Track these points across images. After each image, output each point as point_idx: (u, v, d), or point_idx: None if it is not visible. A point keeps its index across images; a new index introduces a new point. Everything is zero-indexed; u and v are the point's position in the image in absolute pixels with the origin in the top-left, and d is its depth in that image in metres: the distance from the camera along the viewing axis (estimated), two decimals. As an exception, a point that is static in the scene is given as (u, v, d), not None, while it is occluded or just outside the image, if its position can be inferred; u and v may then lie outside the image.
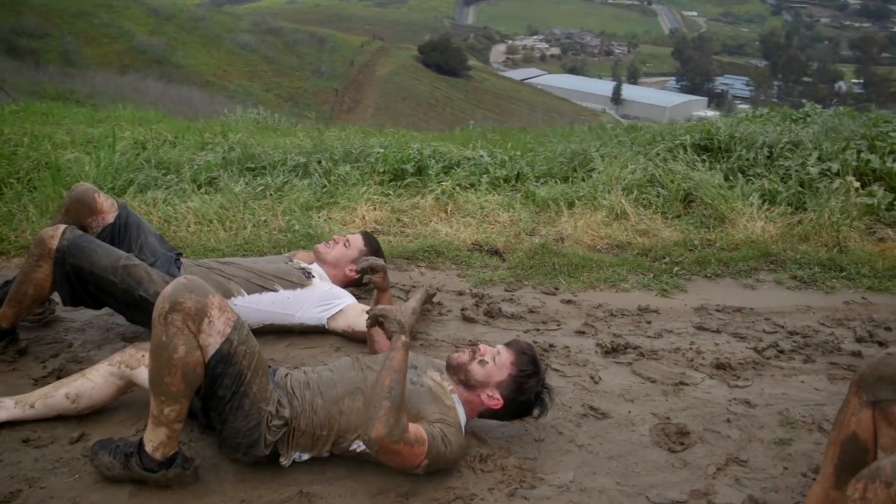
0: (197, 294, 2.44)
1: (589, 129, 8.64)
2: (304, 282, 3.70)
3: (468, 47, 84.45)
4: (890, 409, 2.06)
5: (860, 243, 5.00)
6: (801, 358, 3.77)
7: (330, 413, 2.75)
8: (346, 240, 3.96)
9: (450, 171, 5.83)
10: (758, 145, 5.95)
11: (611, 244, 5.00)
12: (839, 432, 2.19)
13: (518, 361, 2.92)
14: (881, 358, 2.12)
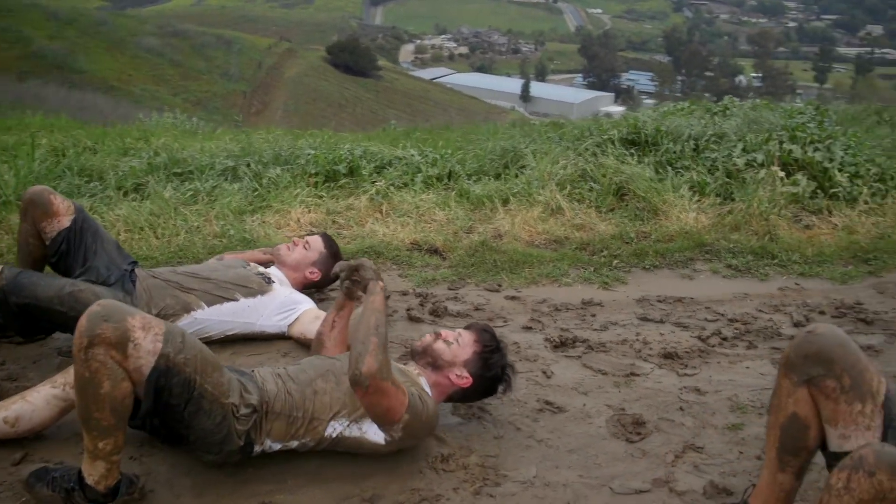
0: (114, 321, 2.28)
1: (513, 126, 8.69)
2: (264, 288, 3.62)
3: (377, 47, 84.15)
4: (823, 384, 2.11)
5: (788, 231, 5.15)
6: (743, 344, 3.86)
7: (304, 394, 2.72)
8: (306, 242, 3.89)
9: (382, 170, 5.79)
10: (684, 138, 6.07)
11: (549, 239, 5.04)
12: (776, 417, 2.25)
13: (480, 339, 2.98)
14: (802, 338, 2.17)
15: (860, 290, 4.52)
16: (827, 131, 6.06)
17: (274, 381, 2.74)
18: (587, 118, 10.91)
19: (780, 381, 2.24)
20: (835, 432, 2.14)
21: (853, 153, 5.86)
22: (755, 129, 6.17)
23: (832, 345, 2.13)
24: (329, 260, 3.83)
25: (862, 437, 2.08)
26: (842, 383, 2.09)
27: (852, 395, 2.09)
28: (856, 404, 2.09)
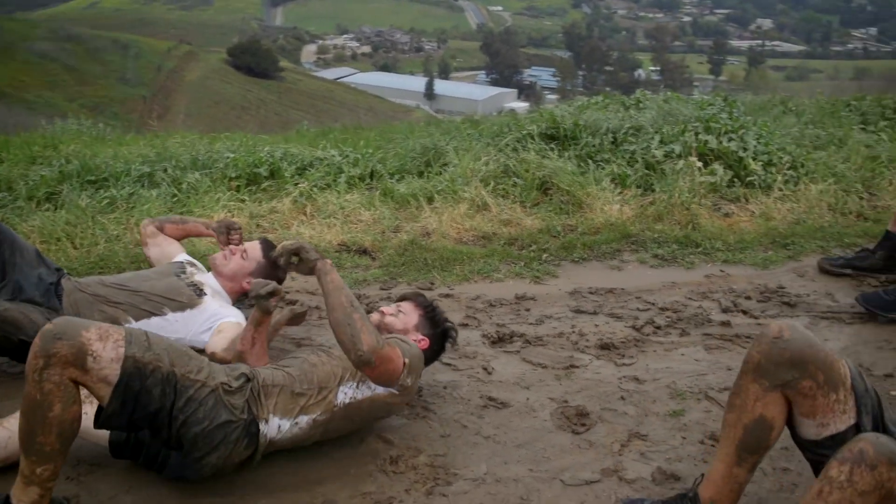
0: (68, 337, 2.18)
1: (429, 124, 8.67)
2: (193, 302, 3.47)
3: (278, 48, 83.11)
4: (800, 385, 2.17)
5: (710, 220, 5.27)
6: (676, 332, 3.93)
7: (302, 369, 2.72)
8: (244, 250, 3.69)
9: (304, 172, 5.70)
10: (602, 131, 6.15)
11: (476, 236, 5.04)
12: (739, 416, 2.29)
13: (419, 302, 3.18)
14: (770, 344, 2.21)
15: (781, 275, 4.65)
16: (739, 122, 6.22)
17: (266, 370, 2.73)
18: (493, 115, 10.99)
19: (746, 385, 2.27)
20: (812, 423, 2.21)
21: (765, 142, 6.03)
22: (670, 121, 6.29)
23: (803, 347, 2.18)
24: (268, 269, 3.65)
25: (840, 422, 2.17)
26: (817, 381, 2.16)
27: (827, 388, 2.16)
28: (831, 395, 2.16)
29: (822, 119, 7.36)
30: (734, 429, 2.30)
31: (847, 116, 7.57)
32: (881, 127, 7.34)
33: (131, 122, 35.25)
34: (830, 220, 5.43)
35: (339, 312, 2.59)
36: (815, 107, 7.82)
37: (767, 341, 2.22)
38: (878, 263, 4.50)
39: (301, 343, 3.71)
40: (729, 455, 2.33)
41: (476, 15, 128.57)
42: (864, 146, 6.56)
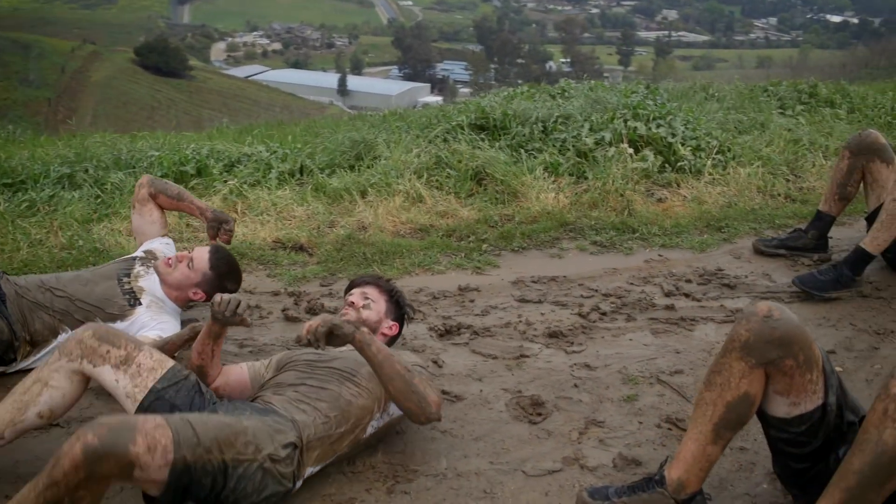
0: (116, 455, 1.98)
1: (354, 117, 8.56)
2: (125, 312, 3.34)
3: (187, 47, 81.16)
4: (783, 364, 2.20)
5: (644, 205, 5.30)
6: (622, 317, 3.93)
7: (339, 408, 2.63)
8: (191, 259, 3.47)
9: (232, 169, 5.55)
10: (532, 121, 6.13)
11: (413, 228, 4.97)
12: (721, 393, 2.30)
13: (383, 286, 3.19)
14: (761, 322, 2.23)
15: (718, 257, 4.70)
16: (666, 108, 6.28)
17: (300, 409, 2.57)
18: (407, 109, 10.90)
19: (730, 362, 2.27)
20: (785, 400, 2.25)
21: (693, 128, 6.11)
22: (598, 109, 6.32)
23: (792, 327, 2.21)
24: (215, 281, 3.47)
25: (810, 402, 2.23)
26: (797, 360, 2.19)
27: (805, 367, 2.20)
28: (806, 374, 2.21)
29: (743, 104, 7.49)
30: (713, 406, 2.31)
31: (766, 101, 7.73)
32: (798, 111, 7.52)
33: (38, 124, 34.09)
34: (760, 203, 5.52)
35: (399, 382, 2.55)
36: (735, 92, 7.96)
37: (758, 320, 2.23)
38: (810, 243, 4.59)
39: (243, 344, 3.59)
40: (703, 434, 2.33)
41: (387, 10, 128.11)
42: (785, 130, 6.69)
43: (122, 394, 2.51)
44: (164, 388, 2.51)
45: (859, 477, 2.04)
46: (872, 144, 4.31)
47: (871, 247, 4.06)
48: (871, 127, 6.71)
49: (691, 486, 2.39)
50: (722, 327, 3.84)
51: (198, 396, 2.60)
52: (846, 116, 7.46)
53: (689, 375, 3.41)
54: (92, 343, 2.52)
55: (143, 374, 2.51)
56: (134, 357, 2.52)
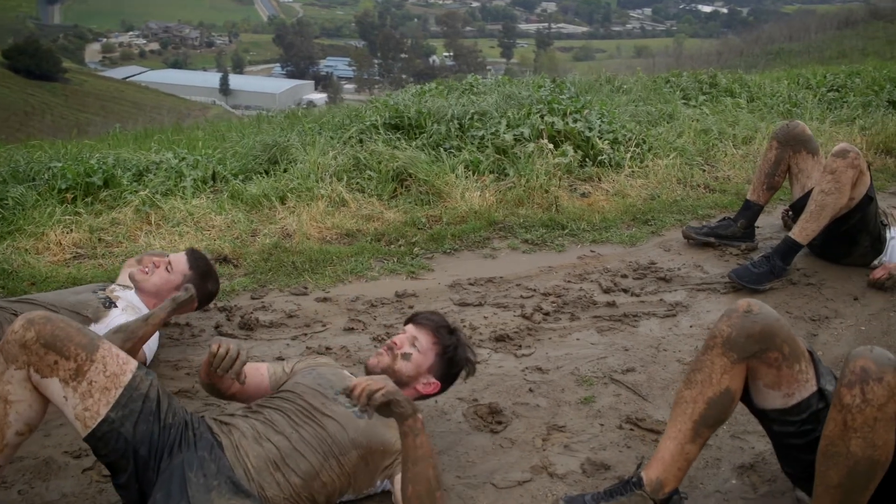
0: None
1: (261, 119, 8.31)
2: (98, 314, 3.19)
3: (60, 48, 77.89)
4: (767, 356, 2.24)
5: (570, 201, 5.28)
6: (566, 317, 3.89)
7: (312, 488, 2.38)
8: (168, 263, 3.40)
9: (141, 178, 5.27)
10: (447, 118, 6.04)
11: (340, 234, 4.81)
12: (702, 391, 2.31)
13: (439, 339, 2.72)
14: (741, 317, 2.27)
15: (649, 250, 4.72)
16: (580, 102, 6.29)
17: (273, 479, 2.34)
18: (292, 107, 10.69)
19: (712, 359, 2.30)
20: (778, 393, 2.28)
21: (608, 121, 6.13)
22: (513, 105, 6.28)
23: (772, 321, 2.26)
24: (197, 281, 3.38)
25: (804, 390, 2.26)
26: (783, 352, 2.23)
27: (791, 359, 2.25)
28: (794, 366, 2.25)
29: (649, 96, 7.59)
30: (694, 404, 2.33)
31: (670, 92, 7.86)
32: (701, 101, 7.68)
33: None
34: (682, 194, 5.59)
35: (422, 487, 2.31)
36: (640, 84, 8.07)
37: (738, 315, 2.27)
38: (738, 232, 4.66)
39: (178, 365, 3.39)
40: (682, 432, 2.35)
41: (267, 7, 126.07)
42: (692, 121, 6.81)
43: (70, 414, 2.21)
44: (119, 419, 2.21)
45: (842, 490, 2.08)
46: (800, 136, 4.41)
47: (800, 237, 4.15)
48: (772, 115, 6.93)
49: (669, 486, 2.39)
50: (665, 322, 3.85)
51: (156, 426, 2.28)
52: (747, 105, 7.64)
53: (641, 373, 3.39)
54: (37, 350, 2.19)
55: (94, 395, 2.19)
56: (85, 371, 2.19)
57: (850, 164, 4.03)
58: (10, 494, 2.58)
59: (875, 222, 4.30)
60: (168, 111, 31.34)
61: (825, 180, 4.06)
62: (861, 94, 8.06)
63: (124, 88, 65.46)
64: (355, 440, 2.46)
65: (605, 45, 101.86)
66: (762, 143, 6.49)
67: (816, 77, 9.05)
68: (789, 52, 29.79)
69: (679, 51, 49.19)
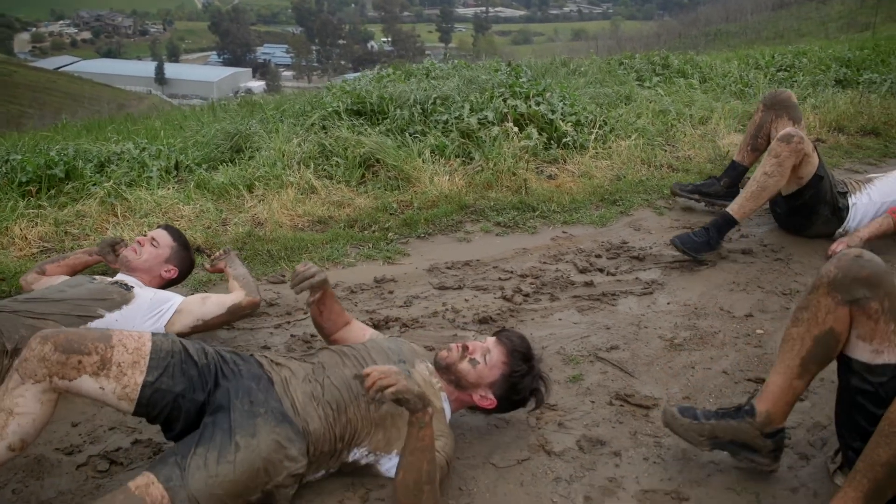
0: None
1: (215, 108, 8.20)
2: (126, 297, 3.20)
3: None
4: (868, 306, 2.29)
5: (538, 183, 5.32)
6: (546, 297, 3.93)
7: (341, 422, 2.49)
8: (153, 239, 3.52)
9: (104, 169, 5.18)
10: (410, 103, 6.04)
11: (312, 221, 4.79)
12: (809, 328, 2.39)
13: (510, 360, 2.73)
14: (850, 261, 2.33)
15: (620, 230, 4.79)
16: (541, 85, 6.33)
17: (315, 413, 2.47)
18: (230, 96, 10.61)
19: (818, 298, 2.37)
20: (868, 347, 2.32)
21: (570, 103, 6.19)
22: (474, 89, 6.30)
23: (881, 270, 2.30)
24: (183, 252, 3.58)
25: (892, 353, 2.29)
26: (883, 306, 2.27)
27: (889, 316, 2.28)
28: (891, 324, 2.28)
29: (604, 78, 7.67)
30: (801, 342, 2.41)
31: (624, 74, 7.96)
32: (655, 83, 7.78)
33: None
34: (647, 174, 5.67)
35: (411, 476, 2.34)
36: (594, 67, 8.15)
37: (848, 259, 2.34)
38: (721, 191, 4.85)
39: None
40: (791, 368, 2.44)
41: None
42: (649, 102, 6.90)
43: (112, 399, 2.29)
44: (157, 379, 2.33)
45: (887, 469, 2.12)
46: (784, 101, 4.61)
47: (737, 214, 4.27)
48: (725, 96, 7.06)
49: (777, 421, 2.53)
50: (643, 299, 3.91)
51: (193, 370, 2.43)
52: (699, 86, 7.77)
53: (624, 350, 3.45)
54: (58, 358, 2.25)
55: (126, 373, 2.30)
56: (109, 357, 2.29)
57: (794, 150, 4.17)
58: (4, 494, 2.54)
59: (831, 194, 4.43)
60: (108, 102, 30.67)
61: (768, 163, 4.20)
62: (809, 74, 8.27)
63: (56, 79, 63.80)
64: None
65: (542, 29, 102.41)
66: (719, 122, 6.62)
67: (765, 58, 9.25)
68: (727, 33, 30.31)
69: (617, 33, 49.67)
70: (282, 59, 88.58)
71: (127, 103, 39.06)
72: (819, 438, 2.88)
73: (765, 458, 2.59)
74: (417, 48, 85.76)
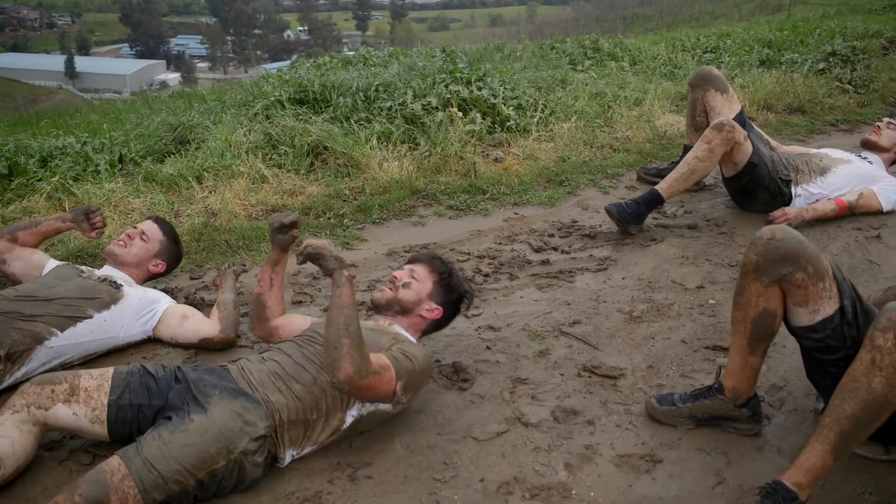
0: None
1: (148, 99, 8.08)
2: (115, 296, 3.20)
3: None
4: (794, 278, 2.45)
5: (486, 167, 5.42)
6: (505, 277, 4.04)
7: (312, 393, 2.57)
8: (142, 232, 3.48)
9: (47, 164, 5.09)
10: (352, 91, 6.07)
11: (266, 210, 4.80)
12: (746, 313, 2.57)
13: (434, 268, 3.02)
14: (766, 244, 2.48)
15: (569, 210, 4.92)
16: (481, 70, 6.42)
17: (276, 387, 2.55)
18: (144, 89, 10.50)
19: (748, 284, 2.53)
20: (805, 310, 2.49)
21: (511, 87, 6.30)
22: (415, 76, 6.36)
23: (794, 244, 2.45)
24: (172, 246, 3.56)
25: (827, 307, 2.47)
26: (807, 272, 2.44)
27: (815, 278, 2.44)
28: (819, 284, 2.45)
29: (539, 63, 7.80)
30: (743, 324, 2.59)
31: (557, 58, 8.10)
32: (588, 66, 7.95)
33: None
34: (589, 155, 5.82)
35: (331, 330, 2.43)
36: (528, 51, 8.27)
37: (763, 243, 2.49)
38: None
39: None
40: (742, 348, 2.64)
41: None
42: (585, 84, 7.06)
43: (86, 423, 2.49)
44: (119, 397, 2.53)
45: (853, 421, 2.26)
46: (706, 76, 4.83)
47: (665, 193, 4.48)
48: (656, 77, 7.26)
49: (745, 392, 2.74)
50: (598, 276, 4.05)
51: (152, 381, 2.60)
52: (630, 69, 7.96)
53: (587, 325, 3.58)
54: (33, 389, 2.48)
55: (93, 396, 2.51)
56: (77, 385, 2.51)
57: (724, 139, 4.39)
58: (-13, 492, 2.53)
59: (770, 179, 4.63)
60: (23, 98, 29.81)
61: (700, 148, 4.42)
62: (734, 55, 8.53)
63: (-41, 75, 61.64)
64: None
65: (459, 15, 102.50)
66: (653, 103, 6.81)
67: (691, 40, 9.50)
68: (644, 16, 30.81)
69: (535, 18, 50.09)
70: (196, 51, 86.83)
71: (38, 98, 38.01)
72: (777, 399, 3.04)
73: (746, 424, 2.81)
74: (334, 37, 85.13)
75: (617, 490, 2.56)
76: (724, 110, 4.73)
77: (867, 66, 8.15)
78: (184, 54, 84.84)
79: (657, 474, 2.64)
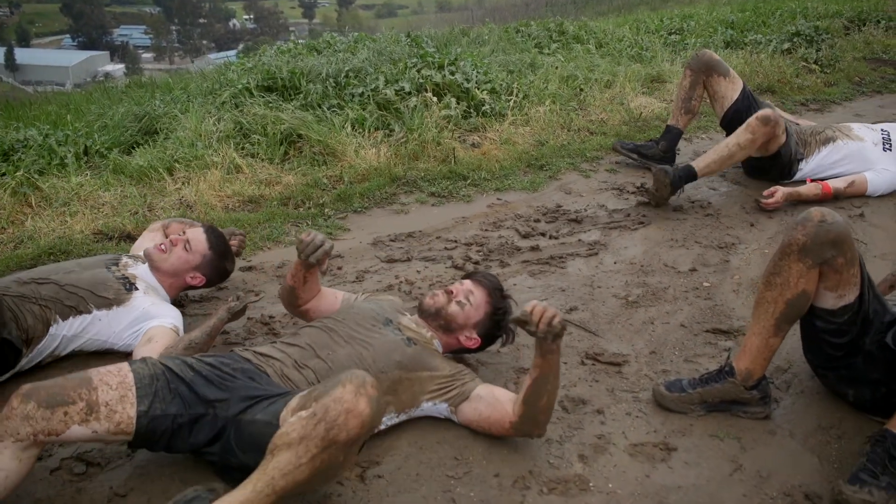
0: None
1: (106, 89, 7.83)
2: (121, 297, 3.02)
3: None
4: (836, 262, 2.48)
5: (464, 152, 5.33)
6: (496, 264, 3.96)
7: None
8: (187, 241, 3.22)
9: (9, 158, 4.89)
10: (322, 77, 5.94)
11: (243, 201, 4.67)
12: (781, 292, 2.57)
13: (492, 299, 2.88)
14: (816, 226, 2.48)
15: (552, 194, 4.86)
16: (452, 54, 6.32)
17: None
18: (88, 80, 10.22)
19: (790, 264, 2.53)
20: (833, 294, 2.54)
21: (484, 71, 6.21)
22: (385, 61, 6.24)
23: (843, 228, 2.47)
24: (216, 261, 3.29)
25: (851, 293, 2.54)
26: (846, 258, 2.47)
27: (850, 263, 2.48)
28: (851, 270, 2.50)
29: (506, 47, 7.72)
30: (774, 304, 2.59)
31: (523, 42, 8.02)
32: (554, 49, 7.88)
33: None
34: (567, 138, 5.76)
35: (546, 396, 2.53)
36: (494, 35, 8.18)
37: (813, 224, 2.49)
38: (657, 153, 5.10)
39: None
40: (767, 328, 2.64)
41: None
42: (554, 68, 6.99)
43: (105, 436, 2.26)
44: (150, 407, 2.28)
45: None
46: (709, 61, 4.87)
47: (701, 172, 4.48)
48: (625, 60, 7.23)
49: (757, 374, 2.74)
50: (590, 260, 3.99)
51: (182, 386, 2.36)
52: (597, 51, 7.91)
53: (584, 311, 3.52)
54: (43, 414, 2.16)
55: (117, 409, 2.25)
56: (95, 400, 2.22)
57: (768, 133, 4.53)
58: (-23, 507, 2.40)
59: (789, 160, 4.80)
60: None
61: (744, 137, 4.50)
62: (699, 36, 8.54)
63: None
64: (401, 362, 2.64)
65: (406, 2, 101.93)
66: (624, 86, 6.77)
67: (655, 22, 9.49)
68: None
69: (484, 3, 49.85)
70: (140, 41, 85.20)
71: (-24, 91, 36.97)
72: (783, 381, 3.02)
73: (756, 407, 2.79)
74: (281, 24, 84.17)
75: (635, 480, 2.52)
76: (729, 93, 4.89)
77: (831, 45, 8.19)
78: (128, 45, 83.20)
79: (673, 463, 2.60)
